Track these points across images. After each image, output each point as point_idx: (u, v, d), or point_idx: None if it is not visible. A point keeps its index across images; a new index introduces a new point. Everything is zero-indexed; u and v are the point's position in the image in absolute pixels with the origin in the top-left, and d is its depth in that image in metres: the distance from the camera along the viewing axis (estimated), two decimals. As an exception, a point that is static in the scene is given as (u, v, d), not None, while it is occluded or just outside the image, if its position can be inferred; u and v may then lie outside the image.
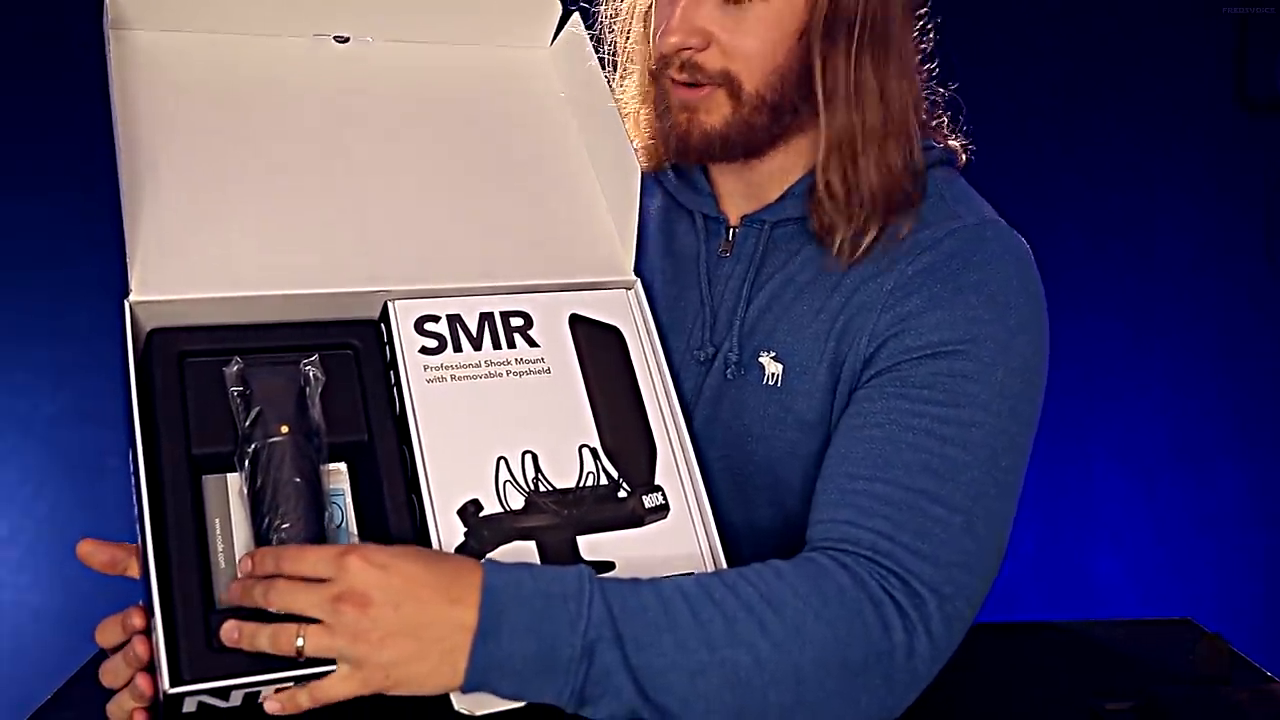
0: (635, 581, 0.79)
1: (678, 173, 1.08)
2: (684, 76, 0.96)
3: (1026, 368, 0.93)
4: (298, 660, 0.73)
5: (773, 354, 0.98)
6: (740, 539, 0.96)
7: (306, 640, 0.72)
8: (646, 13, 1.03)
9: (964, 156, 1.05)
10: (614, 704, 0.76)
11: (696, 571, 0.84)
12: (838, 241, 0.96)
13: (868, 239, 0.96)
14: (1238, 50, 2.69)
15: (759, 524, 0.99)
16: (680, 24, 0.93)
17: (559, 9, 1.01)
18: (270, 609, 0.73)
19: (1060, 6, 2.62)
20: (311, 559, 0.74)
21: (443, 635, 0.73)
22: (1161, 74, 2.68)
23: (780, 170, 1.01)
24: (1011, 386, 0.91)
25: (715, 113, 0.96)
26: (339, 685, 0.74)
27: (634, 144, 1.06)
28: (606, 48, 1.08)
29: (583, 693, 0.75)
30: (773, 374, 0.97)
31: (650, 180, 1.09)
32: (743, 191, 1.04)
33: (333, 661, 0.73)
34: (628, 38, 1.07)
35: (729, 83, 0.95)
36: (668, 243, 1.07)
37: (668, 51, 0.95)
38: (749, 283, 1.00)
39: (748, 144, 0.98)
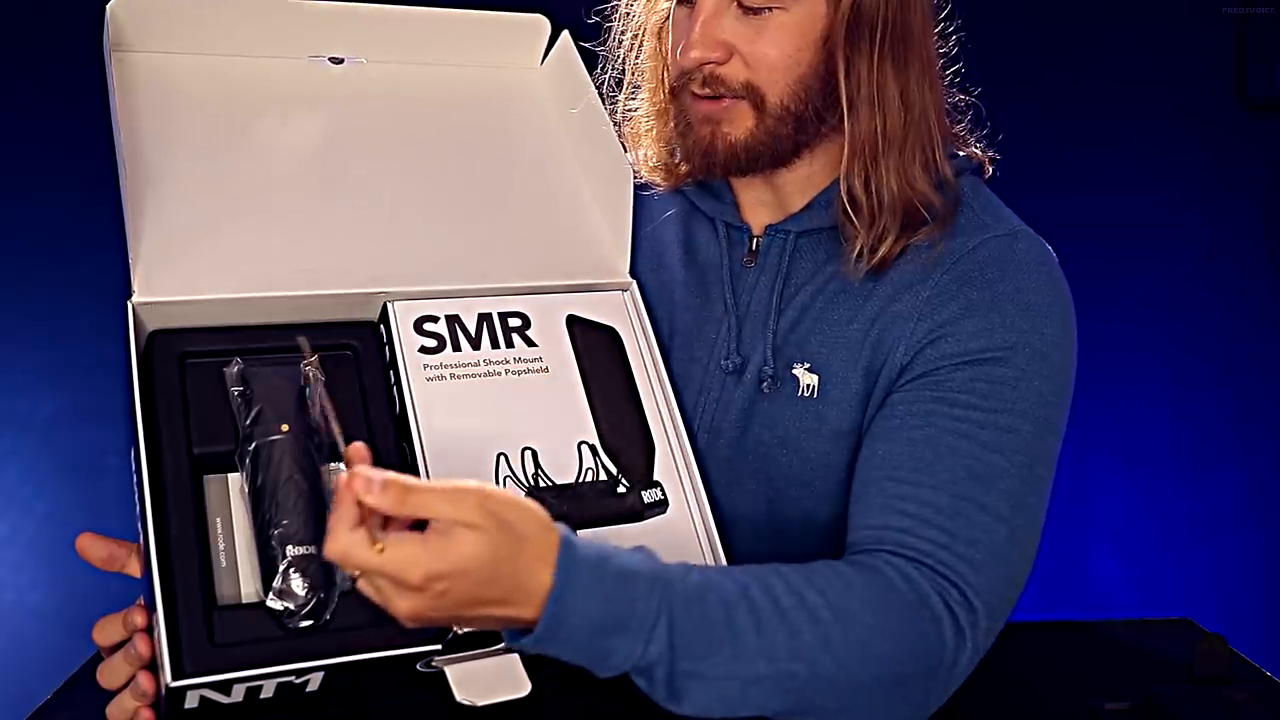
0: (704, 586, 0.77)
1: (698, 180, 1.07)
2: (706, 90, 0.95)
3: (1060, 378, 0.93)
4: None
5: (807, 365, 0.97)
6: (771, 548, 0.95)
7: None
8: (660, 29, 1.02)
9: (989, 167, 1.04)
10: (662, 691, 0.76)
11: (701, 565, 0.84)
12: (858, 248, 0.96)
13: (885, 246, 0.95)
14: (1238, 50, 2.69)
15: (790, 532, 0.99)
16: (701, 38, 0.93)
17: (547, 30, 1.02)
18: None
19: (1059, 7, 2.62)
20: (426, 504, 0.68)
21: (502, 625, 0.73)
22: (1161, 74, 2.67)
23: (805, 180, 1.01)
24: (1046, 396, 0.91)
25: (739, 125, 0.95)
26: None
27: (650, 160, 1.06)
28: (615, 64, 1.07)
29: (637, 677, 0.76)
30: (808, 385, 0.97)
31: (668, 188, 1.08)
32: (766, 201, 1.03)
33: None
34: (638, 54, 1.06)
35: (752, 94, 0.94)
36: (689, 251, 1.07)
37: (689, 66, 0.94)
38: (778, 294, 1.00)
39: (773, 154, 0.97)
